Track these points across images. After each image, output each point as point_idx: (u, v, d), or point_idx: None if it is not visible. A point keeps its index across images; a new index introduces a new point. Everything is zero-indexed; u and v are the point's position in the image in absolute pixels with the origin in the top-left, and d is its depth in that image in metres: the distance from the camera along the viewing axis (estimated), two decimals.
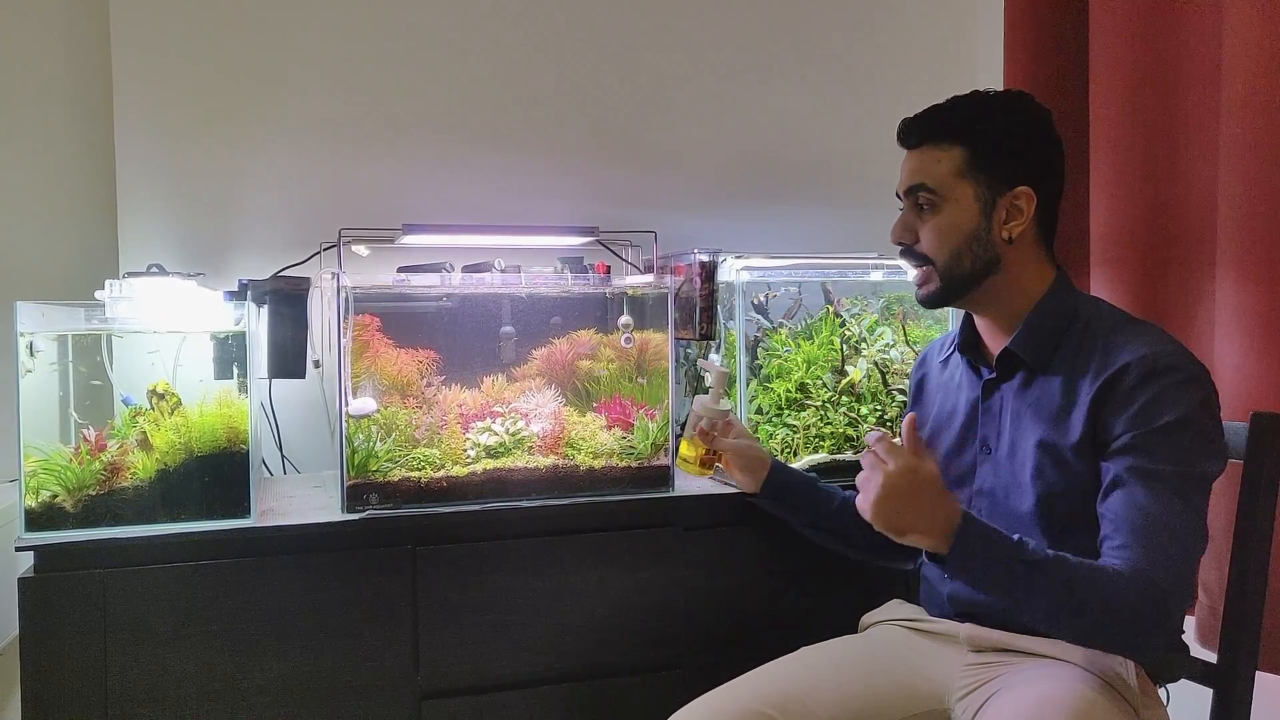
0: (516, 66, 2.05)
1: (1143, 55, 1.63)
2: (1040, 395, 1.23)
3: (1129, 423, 1.13)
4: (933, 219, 1.26)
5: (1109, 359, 1.17)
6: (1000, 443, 1.27)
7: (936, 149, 1.26)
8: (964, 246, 1.25)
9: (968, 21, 2.29)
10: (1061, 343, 1.24)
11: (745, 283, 1.70)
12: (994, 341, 1.31)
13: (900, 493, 1.07)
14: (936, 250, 1.27)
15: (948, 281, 1.27)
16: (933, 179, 1.26)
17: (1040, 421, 1.22)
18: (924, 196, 1.26)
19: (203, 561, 1.40)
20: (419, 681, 1.48)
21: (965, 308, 1.33)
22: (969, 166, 1.25)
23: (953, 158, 1.25)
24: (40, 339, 1.42)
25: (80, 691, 1.35)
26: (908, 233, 1.29)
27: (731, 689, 1.28)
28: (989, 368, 1.31)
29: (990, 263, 1.26)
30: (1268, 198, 1.39)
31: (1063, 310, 1.25)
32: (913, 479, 1.08)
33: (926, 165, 1.26)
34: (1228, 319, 1.45)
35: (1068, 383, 1.20)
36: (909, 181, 1.28)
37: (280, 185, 1.93)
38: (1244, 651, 1.21)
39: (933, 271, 1.28)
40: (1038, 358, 1.24)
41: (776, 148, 2.20)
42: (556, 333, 1.72)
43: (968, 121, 1.26)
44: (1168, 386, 1.12)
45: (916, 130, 1.29)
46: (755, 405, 1.70)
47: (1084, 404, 1.17)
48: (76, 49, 1.90)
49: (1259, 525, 1.22)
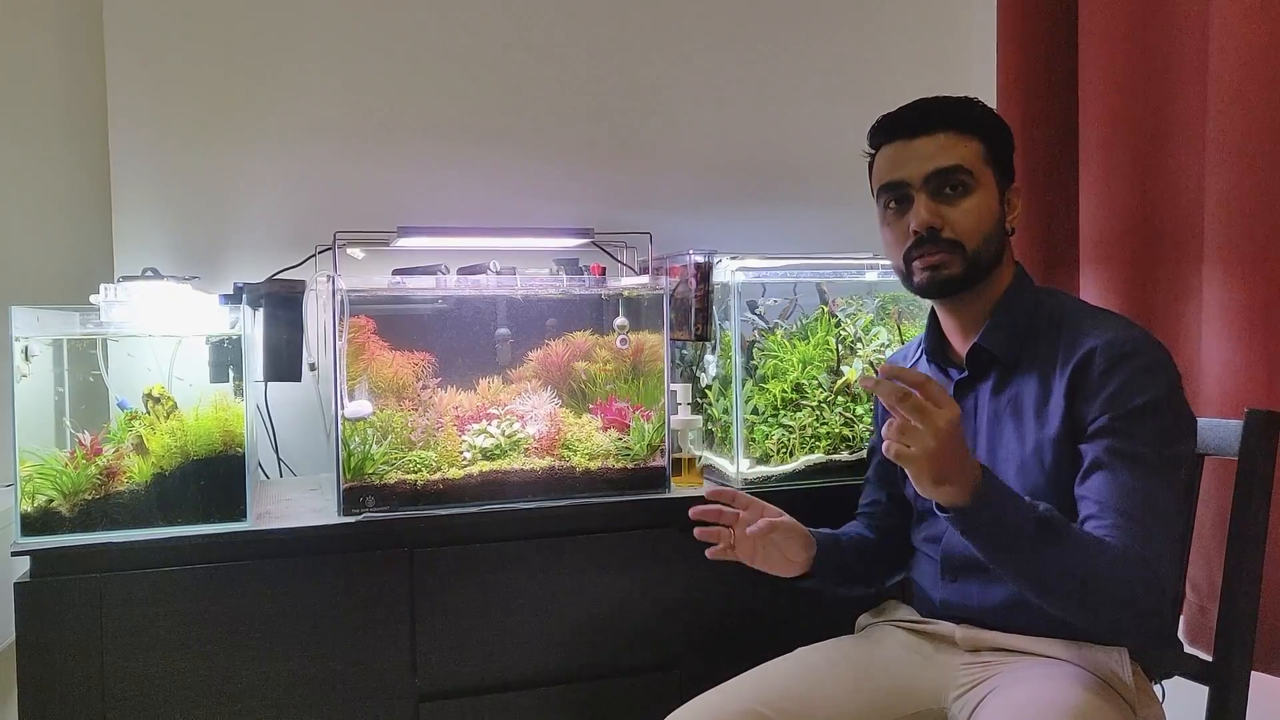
0: (511, 68, 2.05)
1: (1131, 55, 1.63)
2: (1016, 394, 1.24)
3: (1103, 406, 1.15)
4: (967, 201, 1.24)
5: (1074, 348, 1.19)
6: (979, 443, 1.27)
7: (959, 136, 1.25)
8: (992, 231, 1.25)
9: (960, 23, 2.29)
10: (1028, 336, 1.24)
11: (740, 283, 1.70)
12: (961, 341, 1.31)
13: (950, 439, 1.00)
14: (971, 232, 1.23)
15: (973, 265, 1.24)
16: (966, 161, 1.24)
17: (1018, 419, 1.23)
18: (960, 178, 1.23)
19: (199, 565, 1.40)
20: (417, 683, 1.48)
21: (952, 303, 1.30)
22: (987, 157, 1.26)
23: (975, 146, 1.25)
24: (35, 343, 1.42)
25: (78, 697, 1.34)
26: (937, 217, 1.23)
27: (728, 689, 1.28)
28: (958, 369, 1.31)
29: (1000, 253, 1.27)
30: (1255, 195, 1.40)
31: (1026, 304, 1.27)
32: (951, 431, 1.01)
33: (955, 149, 1.24)
34: (1216, 316, 1.45)
35: (1040, 378, 1.21)
36: (937, 163, 1.23)
37: (275, 188, 1.93)
38: (1239, 649, 1.21)
39: (956, 256, 1.23)
40: (1008, 351, 1.25)
41: (771, 149, 2.20)
42: (552, 334, 1.72)
43: (983, 115, 1.27)
44: (1136, 370, 1.15)
45: (935, 117, 1.26)
46: (751, 406, 1.71)
47: (1058, 396, 1.18)
48: (70, 52, 1.90)
49: (1252, 522, 1.22)
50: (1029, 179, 1.86)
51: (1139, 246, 1.64)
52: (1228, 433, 1.27)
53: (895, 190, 1.27)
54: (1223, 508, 1.38)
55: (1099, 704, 1.09)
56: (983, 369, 1.28)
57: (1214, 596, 1.38)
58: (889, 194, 1.28)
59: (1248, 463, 1.24)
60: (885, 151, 1.29)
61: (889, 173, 1.28)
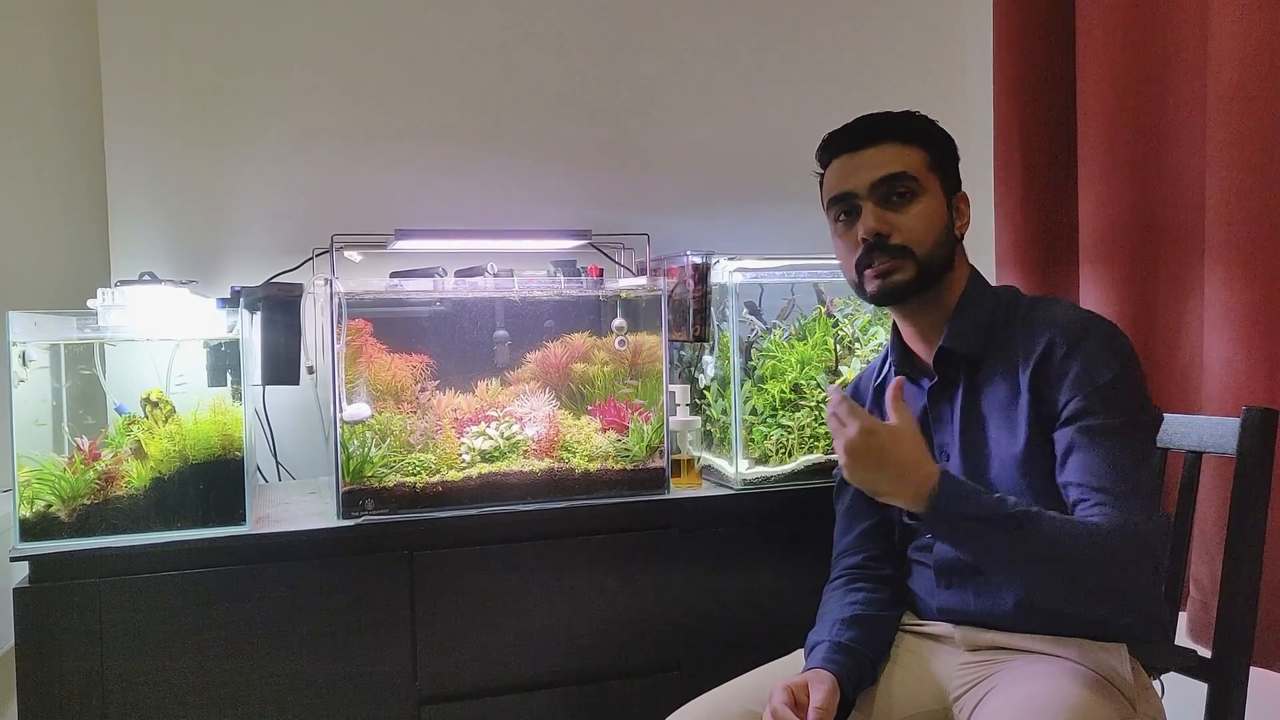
0: (508, 70, 2.05)
1: (1130, 52, 1.64)
2: (987, 394, 1.25)
3: (1071, 389, 1.16)
4: (914, 207, 1.26)
5: (1032, 340, 1.21)
6: (955, 447, 1.27)
7: (902, 146, 1.27)
8: (941, 236, 1.27)
9: (957, 22, 2.29)
10: (990, 332, 1.26)
11: (738, 284, 1.70)
12: (925, 349, 1.31)
13: (864, 454, 1.09)
14: (920, 238, 1.25)
15: (924, 270, 1.25)
16: (911, 168, 1.26)
17: (991, 419, 1.24)
18: (906, 185, 1.25)
19: (199, 570, 1.40)
20: (417, 686, 1.48)
21: (908, 309, 1.31)
22: (932, 165, 1.28)
23: (919, 155, 1.27)
24: (33, 348, 1.42)
25: (77, 702, 1.34)
26: (885, 224, 1.25)
27: (729, 690, 1.27)
28: (928, 377, 1.31)
29: (950, 258, 1.28)
30: (1255, 193, 1.40)
31: (985, 302, 1.28)
32: (872, 440, 1.09)
33: (899, 157, 1.26)
34: (1216, 314, 1.45)
35: (1006, 374, 1.23)
36: (883, 171, 1.26)
37: (272, 191, 1.93)
38: (1238, 645, 1.22)
39: (907, 262, 1.25)
40: (973, 348, 1.26)
41: (768, 149, 2.20)
42: (550, 336, 1.72)
43: (924, 126, 1.30)
44: (1096, 348, 1.17)
45: (878, 129, 1.28)
46: (750, 406, 1.71)
47: (1025, 390, 1.20)
48: (66, 55, 1.90)
49: (1251, 520, 1.22)
50: (1027, 178, 1.86)
51: (1139, 245, 1.64)
52: (1227, 430, 1.27)
53: (844, 201, 1.29)
54: (1223, 505, 1.38)
55: (1099, 701, 1.09)
56: (952, 372, 1.28)
57: (1216, 593, 1.39)
58: (838, 206, 1.30)
59: (1247, 460, 1.24)
60: (833, 166, 1.32)
61: (837, 185, 1.30)
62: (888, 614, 1.31)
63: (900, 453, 1.10)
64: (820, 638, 1.26)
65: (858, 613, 1.28)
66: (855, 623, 1.27)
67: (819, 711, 1.13)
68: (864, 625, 1.27)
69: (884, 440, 1.10)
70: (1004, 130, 1.87)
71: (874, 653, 1.26)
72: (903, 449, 1.10)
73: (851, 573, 1.36)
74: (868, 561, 1.36)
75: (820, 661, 1.22)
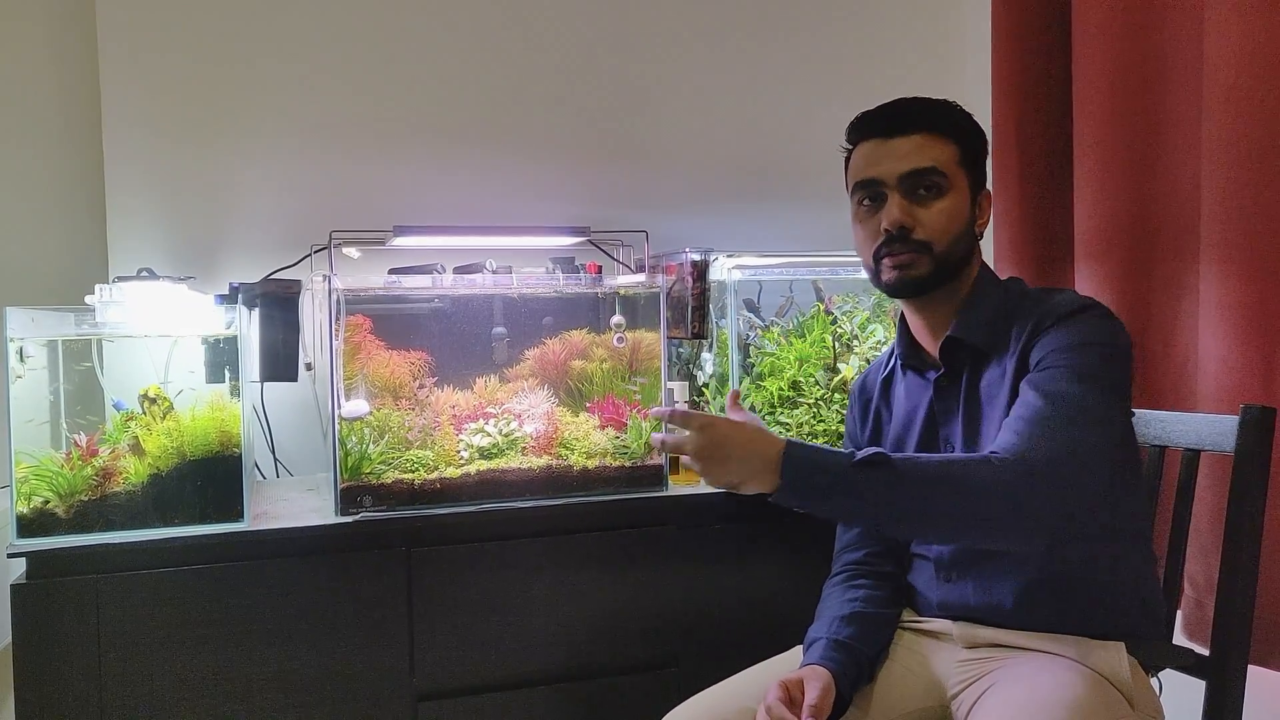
0: (506, 67, 2.05)
1: (1126, 53, 1.64)
2: (989, 383, 1.25)
3: (1041, 351, 1.17)
4: (939, 202, 1.25)
5: (1025, 326, 1.22)
6: (958, 438, 1.27)
7: (936, 138, 1.26)
8: (962, 233, 1.26)
9: (956, 21, 2.30)
10: (997, 323, 1.26)
11: (737, 281, 1.70)
12: (932, 341, 1.32)
13: (709, 450, 1.10)
14: (941, 233, 1.24)
15: (941, 265, 1.25)
16: (941, 163, 1.25)
17: (988, 407, 1.24)
18: (934, 179, 1.24)
19: (197, 566, 1.40)
20: (415, 683, 1.48)
21: (920, 302, 1.31)
22: (962, 160, 1.27)
23: (951, 149, 1.26)
24: (30, 344, 1.42)
25: (75, 698, 1.34)
26: (909, 217, 1.24)
27: (726, 687, 1.28)
28: (935, 370, 1.32)
29: (967, 255, 1.28)
30: (1250, 192, 1.40)
31: (994, 295, 1.28)
32: (714, 432, 1.10)
33: (930, 150, 1.25)
34: (1212, 312, 1.46)
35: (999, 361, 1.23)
36: (913, 164, 1.24)
37: (270, 187, 1.92)
38: (1236, 643, 1.22)
39: (925, 257, 1.25)
40: (979, 339, 1.26)
41: (767, 147, 2.20)
42: (549, 333, 1.72)
43: (960, 120, 1.28)
44: (1080, 321, 1.17)
45: (913, 118, 1.26)
46: (748, 404, 1.71)
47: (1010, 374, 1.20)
48: (64, 52, 1.89)
49: (1248, 517, 1.23)
50: (1024, 177, 1.86)
51: (1135, 244, 1.65)
52: (1224, 428, 1.28)
53: (869, 188, 1.28)
54: (1219, 503, 1.38)
55: (1097, 699, 1.09)
56: (958, 363, 1.28)
57: (1211, 591, 1.39)
58: (863, 191, 1.29)
59: (1244, 458, 1.24)
60: (862, 149, 1.30)
61: (864, 170, 1.29)
62: (887, 612, 1.31)
63: (742, 436, 1.11)
64: (819, 634, 1.26)
65: (857, 610, 1.28)
66: (854, 620, 1.27)
67: (813, 709, 1.13)
68: (863, 623, 1.27)
69: (724, 429, 1.11)
70: (1001, 129, 1.88)
71: (872, 651, 1.26)
72: (744, 433, 1.11)
73: (853, 569, 1.36)
74: (869, 557, 1.36)
75: (817, 658, 1.22)
